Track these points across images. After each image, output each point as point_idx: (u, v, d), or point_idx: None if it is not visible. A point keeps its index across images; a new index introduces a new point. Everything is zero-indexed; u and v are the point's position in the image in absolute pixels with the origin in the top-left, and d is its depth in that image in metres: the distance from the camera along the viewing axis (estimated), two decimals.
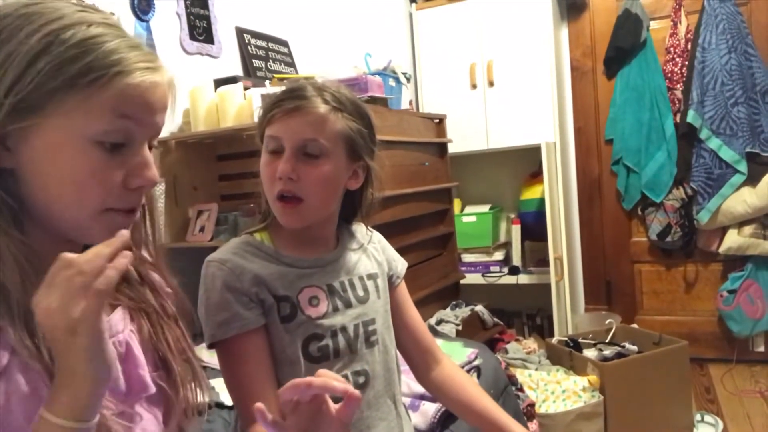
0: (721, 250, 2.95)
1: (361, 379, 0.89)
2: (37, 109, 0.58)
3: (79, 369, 0.55)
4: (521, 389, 2.05)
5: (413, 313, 1.05)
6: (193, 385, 0.74)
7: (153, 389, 0.68)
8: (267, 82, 2.08)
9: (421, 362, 1.04)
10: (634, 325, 2.84)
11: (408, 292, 1.07)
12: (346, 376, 0.87)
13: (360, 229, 1.01)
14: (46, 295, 0.55)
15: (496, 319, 2.67)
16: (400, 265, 1.04)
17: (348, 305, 0.90)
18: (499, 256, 3.30)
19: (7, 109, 0.57)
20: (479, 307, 2.59)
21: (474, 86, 3.23)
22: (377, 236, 1.04)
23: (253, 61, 2.35)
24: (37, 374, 0.57)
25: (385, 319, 0.96)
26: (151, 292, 0.73)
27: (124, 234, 0.58)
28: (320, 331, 0.86)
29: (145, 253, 0.74)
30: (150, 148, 0.66)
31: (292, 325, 0.85)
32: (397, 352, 1.01)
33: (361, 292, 0.92)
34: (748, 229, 2.89)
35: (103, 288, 0.55)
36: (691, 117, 2.91)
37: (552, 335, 2.91)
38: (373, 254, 0.99)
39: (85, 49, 0.58)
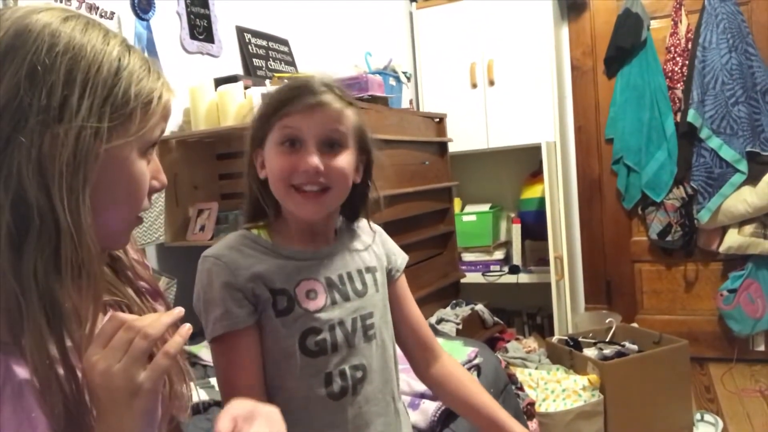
0: (722, 249, 2.95)
1: (359, 374, 0.89)
2: (122, 128, 0.63)
3: (127, 430, 0.56)
4: (521, 388, 2.05)
5: (413, 307, 1.04)
6: (183, 385, 0.75)
7: None
8: (267, 81, 2.08)
9: (420, 357, 1.03)
10: (635, 325, 2.84)
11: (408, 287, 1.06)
12: (343, 371, 0.87)
13: (363, 227, 1.00)
14: (105, 356, 0.56)
15: (496, 318, 2.67)
16: (400, 258, 1.03)
17: (346, 299, 0.89)
18: (499, 255, 3.30)
19: (107, 133, 0.61)
20: (479, 306, 2.59)
21: (474, 85, 3.23)
22: (379, 230, 1.03)
23: (254, 60, 2.35)
24: (30, 394, 0.57)
25: (384, 314, 0.95)
26: (136, 291, 0.75)
27: (181, 310, 0.63)
28: (318, 324, 0.86)
29: (136, 255, 0.75)
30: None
31: (289, 318, 0.85)
32: (397, 348, 1.00)
33: (359, 286, 0.92)
34: (748, 229, 2.89)
35: (173, 352, 0.58)
36: (692, 116, 2.91)
37: (552, 334, 2.91)
38: (372, 248, 0.99)
39: (123, 92, 0.63)
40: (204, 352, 1.72)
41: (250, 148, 0.91)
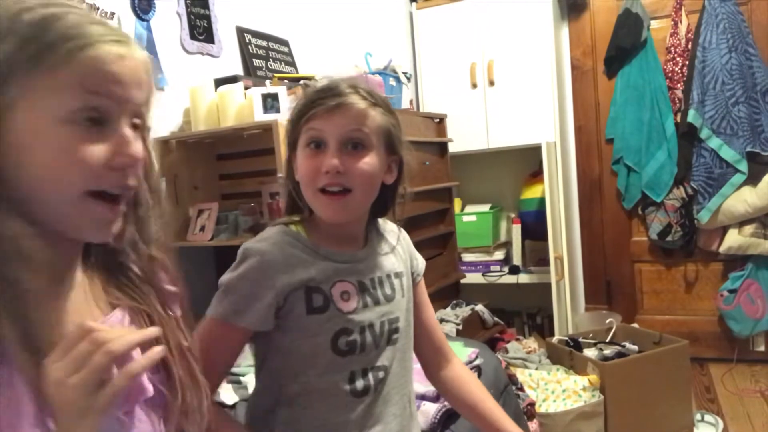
0: (722, 249, 2.95)
1: (381, 375, 0.91)
2: (4, 93, 0.57)
3: None
4: (521, 389, 2.05)
5: (429, 311, 1.07)
6: (193, 389, 0.72)
7: (151, 392, 0.66)
8: (267, 82, 2.08)
9: (432, 360, 1.06)
10: (635, 325, 2.84)
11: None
12: (366, 371, 0.89)
13: (387, 228, 1.02)
14: (64, 367, 0.53)
15: (496, 319, 2.67)
16: (421, 263, 1.07)
17: (376, 303, 0.91)
18: (499, 255, 3.30)
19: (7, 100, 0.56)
20: (479, 307, 2.59)
21: (474, 86, 3.23)
22: (403, 234, 1.05)
23: (254, 60, 2.35)
24: (20, 385, 0.55)
25: (407, 318, 0.97)
26: (155, 292, 0.72)
27: (156, 330, 0.59)
28: (350, 326, 0.88)
29: (154, 252, 0.72)
30: (136, 128, 0.64)
31: (323, 317, 0.86)
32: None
33: (388, 291, 0.94)
34: (748, 229, 2.89)
35: (133, 373, 0.54)
36: (692, 116, 2.91)
37: (552, 335, 2.91)
38: (399, 252, 1.01)
39: (45, 26, 0.57)
40: None
41: (288, 152, 0.92)
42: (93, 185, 0.60)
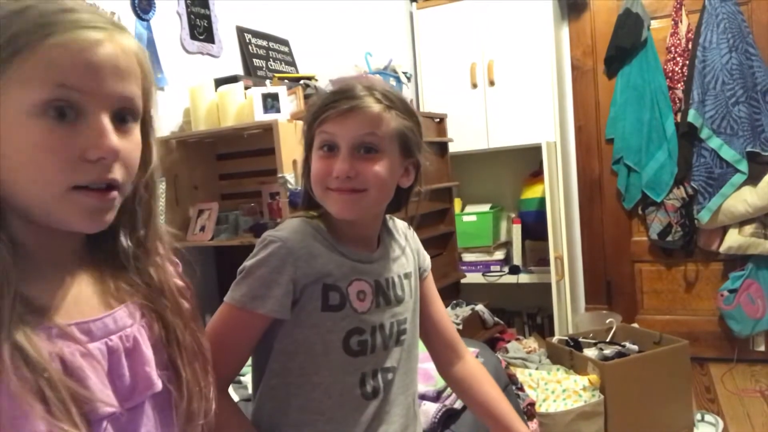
0: (722, 249, 2.95)
1: (390, 376, 0.91)
2: None
3: None
4: (521, 388, 2.05)
5: (439, 306, 1.07)
6: (201, 389, 0.71)
7: (159, 387, 0.65)
8: (267, 82, 2.08)
9: (443, 356, 1.06)
10: (635, 325, 2.84)
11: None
12: (376, 372, 0.89)
13: (397, 226, 1.02)
14: None
15: (496, 319, 2.67)
16: (427, 258, 1.07)
17: (388, 303, 0.92)
18: (499, 255, 3.30)
19: None
20: (480, 307, 2.59)
21: (474, 85, 3.23)
22: (411, 231, 1.06)
23: (254, 60, 2.35)
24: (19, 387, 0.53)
25: (413, 318, 0.98)
26: (166, 288, 0.71)
27: None
28: (363, 326, 0.88)
29: (161, 249, 0.72)
30: (125, 121, 0.61)
31: (337, 315, 0.86)
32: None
33: (399, 292, 0.94)
34: (748, 229, 2.89)
35: None
36: (692, 116, 2.91)
37: (552, 334, 2.91)
38: (408, 252, 1.01)
39: (14, 18, 0.55)
40: None
41: (304, 153, 0.93)
42: (74, 180, 0.58)
